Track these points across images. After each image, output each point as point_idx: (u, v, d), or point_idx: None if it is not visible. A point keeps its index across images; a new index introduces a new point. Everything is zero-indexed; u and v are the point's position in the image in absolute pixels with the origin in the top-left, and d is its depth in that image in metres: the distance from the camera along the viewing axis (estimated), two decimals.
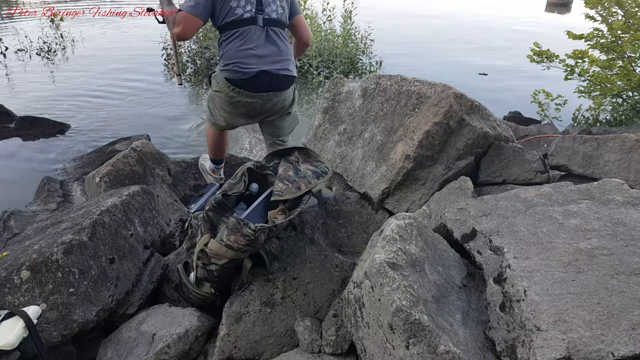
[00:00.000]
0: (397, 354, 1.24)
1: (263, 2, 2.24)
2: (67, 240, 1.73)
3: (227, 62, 2.25)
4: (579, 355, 1.07)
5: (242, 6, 2.21)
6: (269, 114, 2.46)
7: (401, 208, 2.16)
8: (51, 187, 3.16)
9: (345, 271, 1.82)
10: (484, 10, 13.56)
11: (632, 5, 4.28)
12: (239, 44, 2.23)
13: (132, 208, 2.10)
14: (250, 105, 2.34)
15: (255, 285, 1.75)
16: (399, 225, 1.44)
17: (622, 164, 2.07)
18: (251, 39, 2.23)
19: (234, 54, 2.23)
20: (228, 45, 2.25)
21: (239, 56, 2.22)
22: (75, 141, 4.44)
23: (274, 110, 2.44)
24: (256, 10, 2.23)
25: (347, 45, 6.93)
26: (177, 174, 3.01)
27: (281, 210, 1.76)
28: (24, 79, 6.37)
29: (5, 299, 1.58)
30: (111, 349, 1.71)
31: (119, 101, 5.56)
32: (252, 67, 2.23)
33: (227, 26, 2.23)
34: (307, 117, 5.29)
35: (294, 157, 2.03)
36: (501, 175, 2.17)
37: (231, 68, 2.24)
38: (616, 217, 1.43)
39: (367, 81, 2.49)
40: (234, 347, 1.65)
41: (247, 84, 2.26)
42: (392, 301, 1.23)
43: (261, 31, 2.26)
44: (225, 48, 2.27)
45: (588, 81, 4.58)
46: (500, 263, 1.39)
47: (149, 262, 2.04)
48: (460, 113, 2.08)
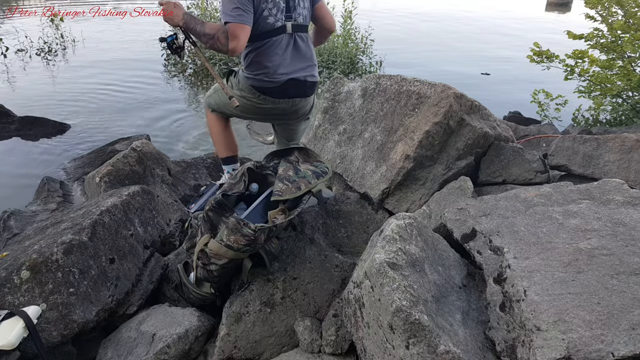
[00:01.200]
0: (397, 354, 1.24)
1: (290, 7, 2.16)
2: (67, 240, 1.73)
3: (255, 71, 2.20)
4: (579, 355, 1.07)
5: (274, 15, 2.13)
6: (290, 118, 2.43)
7: (401, 208, 2.16)
8: (51, 187, 3.16)
9: (345, 271, 1.82)
10: (484, 10, 13.56)
11: (632, 5, 4.28)
12: (269, 55, 2.17)
13: (132, 208, 2.10)
14: (274, 110, 2.32)
15: (255, 285, 1.75)
16: (399, 225, 1.44)
17: (622, 164, 2.07)
18: (281, 48, 2.18)
19: (263, 65, 2.17)
20: (257, 55, 2.18)
21: (268, 66, 2.17)
22: (75, 141, 4.44)
23: (295, 115, 2.41)
24: (285, 18, 2.17)
25: (347, 45, 6.93)
26: (177, 174, 3.01)
27: (281, 210, 1.76)
28: (24, 79, 6.37)
29: (5, 299, 1.58)
30: (111, 349, 1.72)
31: (119, 101, 5.56)
32: (281, 76, 2.19)
33: (259, 36, 2.14)
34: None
35: (294, 157, 2.03)
36: (501, 175, 2.17)
37: (260, 78, 2.19)
38: (616, 217, 1.43)
39: (367, 81, 2.49)
40: (234, 347, 1.65)
41: (274, 92, 2.22)
42: (392, 301, 1.23)
43: (289, 38, 2.21)
44: (253, 58, 2.19)
45: (588, 81, 4.58)
46: (500, 263, 1.39)
47: (149, 262, 2.04)
48: (460, 113, 2.08)
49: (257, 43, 2.16)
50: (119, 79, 6.26)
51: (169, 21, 2.13)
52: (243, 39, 2.02)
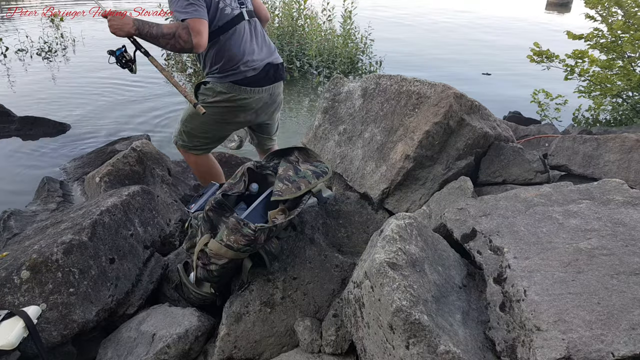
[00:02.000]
0: (397, 354, 1.24)
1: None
2: (67, 240, 1.73)
3: (231, 66, 2.17)
4: (579, 355, 1.07)
5: (229, 4, 2.12)
6: (269, 109, 2.42)
7: (401, 208, 2.16)
8: (51, 187, 3.16)
9: (345, 271, 1.82)
10: (484, 10, 13.56)
11: (632, 5, 4.28)
12: (238, 43, 2.16)
13: (132, 208, 2.10)
14: (256, 104, 2.30)
15: (255, 285, 1.75)
16: (399, 225, 1.44)
17: (622, 164, 2.07)
18: (245, 35, 2.18)
19: (236, 55, 2.15)
20: (225, 49, 2.15)
21: (242, 54, 2.15)
22: (75, 141, 4.44)
23: (273, 106, 2.41)
24: (240, 4, 2.17)
25: (347, 45, 6.93)
26: (177, 174, 3.02)
27: (281, 210, 1.76)
28: (24, 79, 6.37)
29: (5, 299, 1.58)
30: (111, 349, 1.72)
31: (119, 101, 5.56)
32: (258, 62, 2.19)
33: (221, 28, 2.12)
34: (307, 117, 5.30)
35: (294, 157, 2.03)
36: (501, 175, 2.17)
37: (238, 70, 2.16)
38: (616, 217, 1.43)
39: (367, 81, 2.49)
40: (234, 347, 1.65)
41: (257, 80, 2.21)
42: (392, 301, 1.23)
43: (248, 25, 2.20)
44: (222, 52, 2.15)
45: (588, 81, 4.58)
46: (500, 263, 1.39)
47: (149, 262, 2.04)
48: (460, 113, 2.08)
49: (222, 36, 2.13)
50: (119, 79, 6.25)
51: (118, 32, 2.05)
52: (205, 34, 1.97)
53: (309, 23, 7.16)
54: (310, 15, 7.28)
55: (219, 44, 2.16)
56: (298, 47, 6.80)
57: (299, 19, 7.14)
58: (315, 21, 7.25)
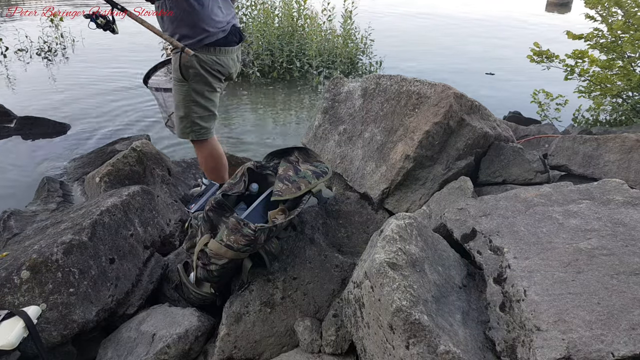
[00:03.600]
0: (397, 354, 1.24)
1: None
2: (67, 240, 1.73)
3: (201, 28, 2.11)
4: (579, 355, 1.07)
5: None
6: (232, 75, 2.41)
7: (401, 208, 2.16)
8: (51, 187, 3.16)
9: (345, 271, 1.82)
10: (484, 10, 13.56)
11: (632, 5, 4.27)
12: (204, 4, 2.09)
13: (132, 208, 2.10)
14: (229, 63, 2.30)
15: (255, 285, 1.75)
16: (399, 225, 1.44)
17: (622, 164, 2.07)
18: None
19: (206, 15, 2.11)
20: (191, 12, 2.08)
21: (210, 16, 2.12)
22: (75, 141, 4.43)
23: (234, 70, 2.41)
24: None
25: (347, 45, 6.92)
26: (177, 174, 3.01)
27: (281, 210, 1.76)
28: (24, 79, 6.37)
29: (5, 299, 1.58)
30: (111, 349, 1.72)
31: (119, 101, 5.56)
32: (225, 24, 2.20)
33: None
34: (307, 117, 5.29)
35: (294, 157, 2.03)
36: (501, 175, 2.17)
37: (208, 31, 2.13)
38: (616, 217, 1.43)
39: (367, 81, 2.49)
40: (234, 347, 1.65)
41: (227, 41, 2.22)
42: (392, 301, 1.23)
43: None
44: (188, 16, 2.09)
45: (588, 81, 4.58)
46: (500, 263, 1.39)
47: (149, 262, 2.04)
48: (460, 113, 2.08)
49: None
50: (119, 79, 6.25)
51: None
52: None
53: (309, 23, 7.16)
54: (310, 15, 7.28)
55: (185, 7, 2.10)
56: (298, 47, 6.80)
57: (299, 19, 7.14)
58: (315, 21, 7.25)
